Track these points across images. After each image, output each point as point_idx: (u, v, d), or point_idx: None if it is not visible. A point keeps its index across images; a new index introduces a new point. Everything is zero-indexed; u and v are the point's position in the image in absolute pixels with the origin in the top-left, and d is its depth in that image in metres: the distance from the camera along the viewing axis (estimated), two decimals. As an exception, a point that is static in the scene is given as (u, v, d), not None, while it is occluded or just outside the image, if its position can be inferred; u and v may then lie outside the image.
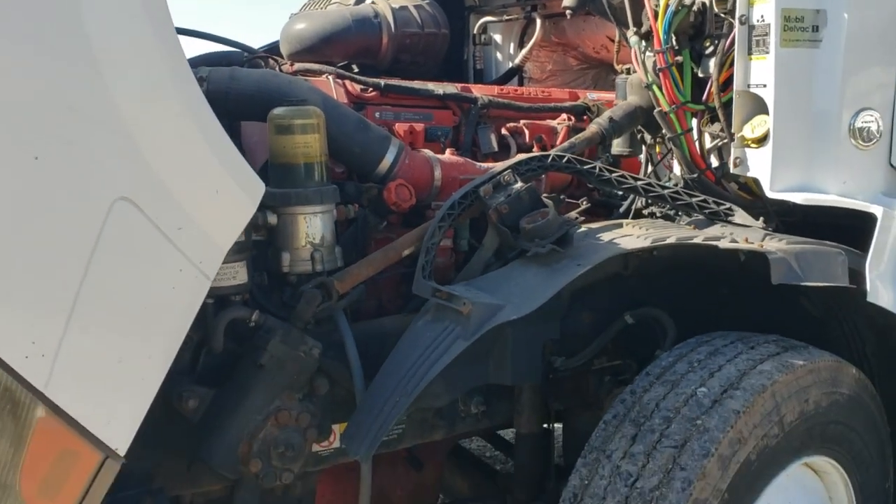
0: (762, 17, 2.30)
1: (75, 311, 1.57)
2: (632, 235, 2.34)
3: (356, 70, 3.05)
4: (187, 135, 1.65)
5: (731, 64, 2.40)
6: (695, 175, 2.57)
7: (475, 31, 3.66)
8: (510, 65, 3.57)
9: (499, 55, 3.66)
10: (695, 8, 2.47)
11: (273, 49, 3.22)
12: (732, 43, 2.38)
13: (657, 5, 2.51)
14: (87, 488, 1.69)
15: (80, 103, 1.54)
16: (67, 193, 1.55)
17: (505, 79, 3.52)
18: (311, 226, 2.29)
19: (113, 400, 1.69)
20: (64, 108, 1.53)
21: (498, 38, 3.66)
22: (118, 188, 1.59)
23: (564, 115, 3.02)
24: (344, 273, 2.33)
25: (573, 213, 2.37)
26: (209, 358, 2.17)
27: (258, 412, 2.14)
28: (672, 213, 2.68)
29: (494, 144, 2.86)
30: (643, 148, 2.89)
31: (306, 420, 2.20)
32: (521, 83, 3.54)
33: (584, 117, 3.03)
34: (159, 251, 1.66)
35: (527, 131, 2.92)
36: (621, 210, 2.82)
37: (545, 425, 2.70)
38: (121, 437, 1.70)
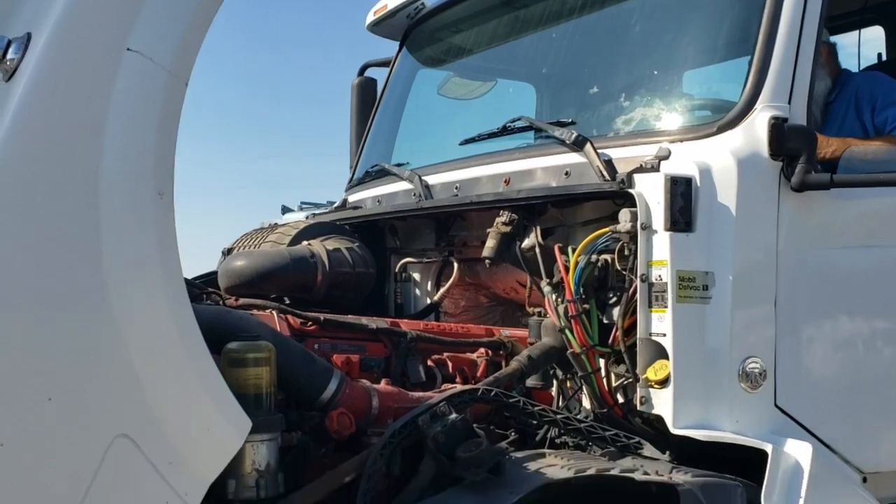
0: (660, 276, 2.65)
1: None
2: (556, 465, 2.57)
3: (288, 302, 3.29)
4: (188, 378, 1.80)
5: (633, 313, 2.72)
6: (604, 410, 2.87)
7: (396, 270, 3.99)
8: (428, 300, 3.89)
9: (417, 291, 3.97)
10: (599, 264, 2.86)
11: (208, 281, 3.44)
12: (633, 295, 2.71)
13: (567, 261, 2.89)
14: None
15: (93, 348, 1.70)
16: (73, 431, 1.66)
17: (424, 313, 3.82)
18: (258, 454, 2.38)
19: None
20: (77, 353, 1.68)
21: (417, 276, 3.99)
22: (119, 426, 1.71)
23: (483, 350, 3.31)
24: (288, 501, 2.44)
25: (504, 444, 2.61)
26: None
27: None
28: (584, 443, 2.94)
29: (422, 374, 3.11)
30: (555, 382, 3.19)
31: None
32: (437, 317, 3.85)
33: (500, 352, 3.33)
34: (150, 485, 1.76)
35: (450, 363, 3.19)
36: (537, 439, 3.07)
37: None
38: None
